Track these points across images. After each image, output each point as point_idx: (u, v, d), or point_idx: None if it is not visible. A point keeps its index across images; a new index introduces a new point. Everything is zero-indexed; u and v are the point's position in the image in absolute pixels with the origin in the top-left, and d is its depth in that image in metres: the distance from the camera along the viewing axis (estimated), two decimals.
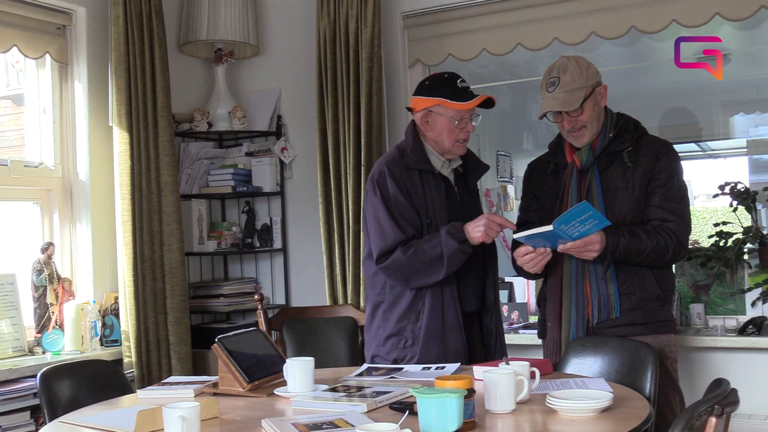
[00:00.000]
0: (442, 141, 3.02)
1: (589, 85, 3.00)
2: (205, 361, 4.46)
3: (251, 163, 4.89)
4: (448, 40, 4.51)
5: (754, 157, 8.01)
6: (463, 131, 3.02)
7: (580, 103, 2.96)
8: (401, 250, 2.93)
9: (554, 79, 3.00)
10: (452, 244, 2.87)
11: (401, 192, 2.97)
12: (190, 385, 2.68)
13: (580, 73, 2.99)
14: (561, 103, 2.97)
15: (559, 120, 3.04)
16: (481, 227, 2.88)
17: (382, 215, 2.97)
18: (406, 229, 2.95)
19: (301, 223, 4.85)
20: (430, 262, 2.90)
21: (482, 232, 2.88)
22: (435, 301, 2.96)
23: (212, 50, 4.81)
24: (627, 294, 2.96)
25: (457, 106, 2.97)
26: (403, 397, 2.38)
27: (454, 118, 2.99)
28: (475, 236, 2.89)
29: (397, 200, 2.96)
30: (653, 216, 2.97)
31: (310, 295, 4.72)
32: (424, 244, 2.92)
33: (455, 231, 2.89)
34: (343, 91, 4.44)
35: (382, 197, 2.98)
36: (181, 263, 4.34)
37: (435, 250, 2.89)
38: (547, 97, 3.01)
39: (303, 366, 2.56)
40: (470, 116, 3.02)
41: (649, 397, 2.58)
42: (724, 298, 4.07)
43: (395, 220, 2.95)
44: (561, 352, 2.99)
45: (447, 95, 2.98)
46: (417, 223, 2.98)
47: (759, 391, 3.71)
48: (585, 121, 3.00)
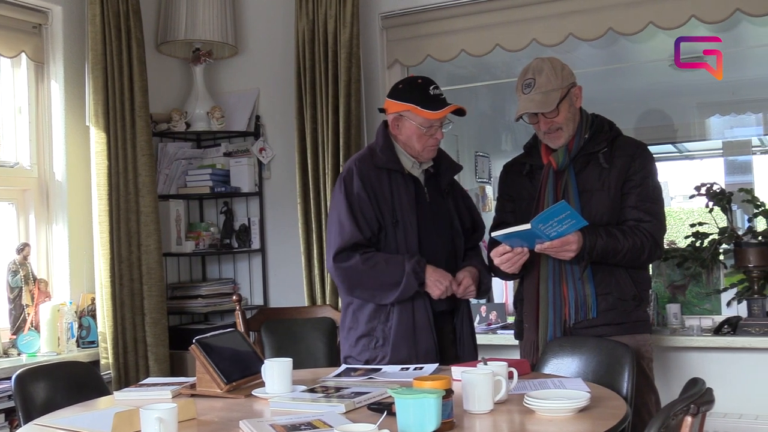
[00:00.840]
0: (412, 145, 3.03)
1: (565, 86, 3.01)
2: (182, 362, 4.44)
3: (229, 163, 4.87)
4: (426, 40, 4.51)
5: (729, 159, 8.08)
6: (432, 138, 3.03)
7: (556, 104, 2.97)
8: (361, 258, 2.94)
9: (530, 81, 3.01)
10: (413, 285, 2.91)
11: (366, 191, 2.98)
12: (168, 387, 2.66)
13: (555, 74, 3.00)
14: (537, 105, 2.98)
15: (535, 121, 3.05)
16: (443, 288, 2.95)
17: (343, 212, 2.98)
18: (364, 230, 2.97)
19: (279, 223, 4.84)
20: (386, 286, 2.93)
21: (439, 292, 2.94)
22: (405, 301, 2.97)
23: (190, 50, 4.79)
24: (604, 294, 2.97)
25: (427, 114, 2.98)
26: (382, 398, 2.38)
27: (423, 125, 2.99)
28: (431, 289, 2.95)
29: (360, 199, 2.97)
30: (629, 216, 2.98)
31: (289, 296, 4.72)
32: (385, 265, 2.94)
33: (419, 271, 2.92)
34: (321, 92, 4.44)
35: (346, 195, 2.99)
36: (158, 264, 4.31)
37: (394, 277, 2.92)
38: (523, 98, 3.02)
39: (281, 367, 2.55)
40: (440, 124, 3.03)
41: (626, 396, 2.60)
42: (700, 298, 4.10)
43: (355, 219, 2.96)
44: (538, 352, 2.99)
45: (418, 102, 2.98)
46: (376, 225, 2.98)
47: (733, 390, 3.74)
48: (561, 122, 3.00)
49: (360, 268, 2.93)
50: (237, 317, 3.77)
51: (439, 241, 3.05)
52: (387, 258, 2.95)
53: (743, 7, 3.85)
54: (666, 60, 6.16)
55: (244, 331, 3.65)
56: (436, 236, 3.06)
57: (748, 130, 7.93)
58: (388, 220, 2.99)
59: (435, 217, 3.06)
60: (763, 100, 7.36)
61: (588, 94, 3.19)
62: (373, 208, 2.98)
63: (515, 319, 3.27)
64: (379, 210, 2.99)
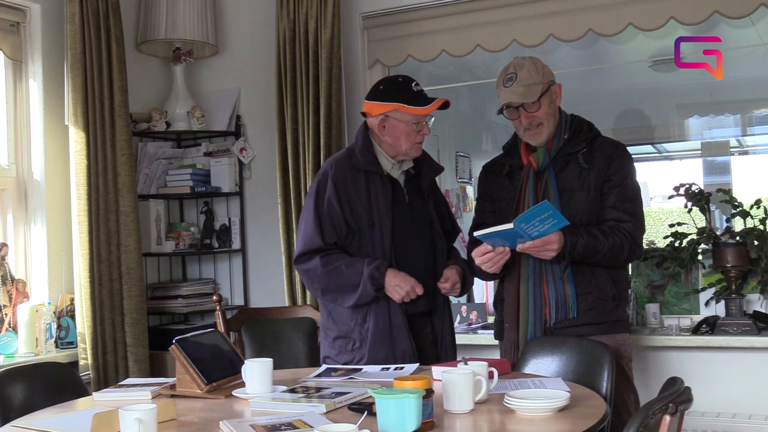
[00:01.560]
0: (400, 145, 3.03)
1: (545, 82, 3.04)
2: (162, 362, 4.42)
3: (210, 163, 4.86)
4: (407, 41, 4.52)
5: (708, 159, 8.15)
6: (420, 134, 3.03)
7: (538, 96, 2.99)
8: (321, 261, 2.97)
9: (511, 75, 3.03)
10: (369, 291, 2.92)
11: (338, 196, 2.99)
12: (147, 387, 2.65)
13: (536, 70, 3.04)
14: (519, 96, 3.00)
15: (515, 117, 3.06)
16: (403, 292, 2.94)
17: (311, 217, 3.01)
18: (327, 236, 2.99)
19: (260, 223, 4.83)
20: (345, 288, 2.96)
21: (401, 296, 2.95)
22: (381, 303, 2.98)
23: (170, 49, 4.77)
24: (584, 294, 2.99)
25: (417, 110, 2.99)
26: (362, 398, 2.38)
27: (411, 122, 3.00)
28: (392, 294, 2.95)
29: (330, 204, 2.98)
30: (608, 216, 3.00)
31: (269, 296, 4.71)
32: (345, 267, 2.95)
33: (378, 276, 2.92)
34: (302, 92, 4.43)
35: (316, 199, 3.01)
36: (138, 264, 4.29)
37: (352, 280, 2.94)
38: (505, 91, 3.03)
39: (261, 367, 2.55)
40: (426, 119, 3.04)
41: (606, 396, 2.61)
42: (679, 298, 4.12)
43: (320, 225, 2.98)
44: (519, 352, 3.00)
45: (404, 100, 2.99)
46: (344, 230, 3.00)
47: (712, 389, 3.77)
48: (542, 117, 3.02)
49: (319, 270, 2.97)
50: (217, 317, 3.76)
51: (417, 243, 3.05)
52: (348, 261, 2.97)
53: (722, 9, 3.88)
54: (646, 61, 6.22)
55: (225, 332, 3.64)
56: (415, 238, 3.06)
57: (726, 131, 8.01)
58: (364, 223, 2.99)
59: (414, 218, 3.06)
60: (741, 101, 7.44)
61: (568, 94, 3.21)
62: (343, 214, 2.98)
63: (495, 319, 3.28)
64: (352, 213, 2.99)
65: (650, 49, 6.02)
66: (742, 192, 7.02)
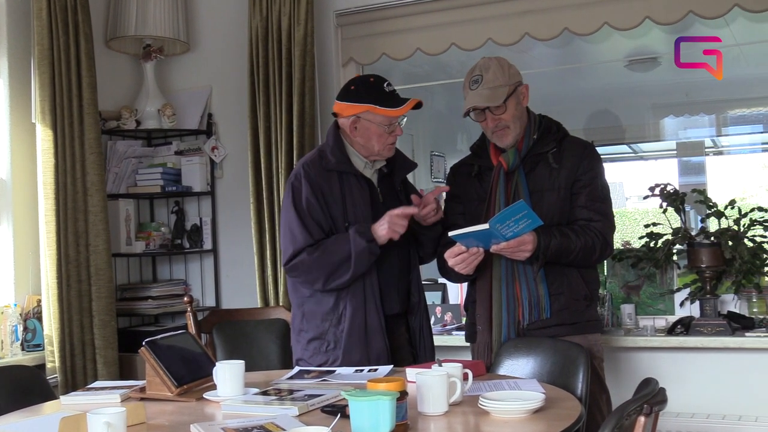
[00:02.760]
0: (372, 146, 3.02)
1: (512, 84, 3.05)
2: (132, 365, 4.39)
3: (181, 162, 4.83)
4: (381, 39, 4.52)
5: (683, 159, 8.22)
6: (392, 135, 3.03)
7: (504, 99, 3.00)
8: (307, 251, 2.94)
9: (477, 77, 3.04)
10: (360, 242, 2.88)
11: (315, 195, 2.97)
12: (117, 390, 2.63)
13: (503, 71, 3.04)
14: (485, 99, 3.01)
15: (482, 119, 3.08)
16: (385, 224, 2.91)
17: (293, 219, 2.98)
18: (315, 234, 2.96)
19: (231, 223, 4.82)
20: (338, 262, 2.91)
21: (387, 229, 2.90)
22: (356, 304, 2.97)
23: (141, 46, 4.74)
24: (556, 294, 3.01)
25: (389, 112, 2.98)
26: (335, 400, 2.38)
27: (383, 123, 2.99)
28: (381, 234, 2.91)
29: (309, 204, 2.97)
30: (579, 216, 3.03)
31: (241, 297, 4.69)
32: (332, 244, 2.94)
33: (364, 230, 2.91)
34: (275, 90, 4.42)
35: (294, 201, 2.99)
36: (107, 264, 4.27)
37: (343, 250, 2.90)
38: (471, 94, 3.04)
39: (233, 369, 2.54)
40: (399, 120, 3.04)
41: (581, 397, 2.63)
42: (654, 299, 4.16)
43: (305, 225, 2.96)
44: (492, 354, 3.01)
45: (376, 101, 2.98)
46: (327, 227, 2.98)
47: (686, 390, 3.81)
48: (508, 120, 3.03)
49: (308, 259, 2.94)
50: (188, 319, 3.74)
51: (393, 244, 3.05)
52: (333, 238, 2.96)
53: (696, 9, 3.92)
54: (621, 61, 6.27)
55: (196, 333, 3.62)
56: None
57: (701, 132, 8.09)
58: (339, 224, 2.98)
59: None
60: (716, 101, 7.51)
61: (543, 93, 3.23)
62: (323, 211, 2.97)
63: (466, 321, 3.29)
64: (330, 214, 2.98)
65: (626, 49, 6.08)
66: (717, 192, 7.09)
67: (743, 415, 3.75)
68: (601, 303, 4.03)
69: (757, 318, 3.90)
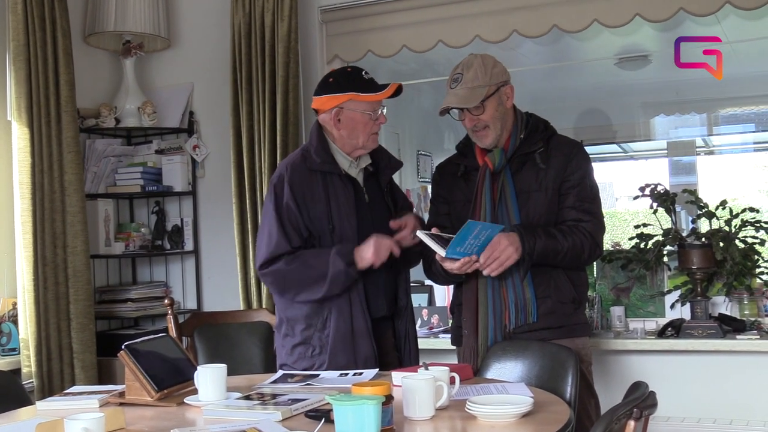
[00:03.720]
0: (357, 137, 3.02)
1: (493, 84, 3.03)
2: (111, 369, 4.38)
3: (161, 161, 4.82)
4: (367, 35, 4.53)
5: (674, 159, 8.27)
6: (376, 123, 3.04)
7: (480, 100, 2.99)
8: (285, 260, 2.95)
9: (458, 76, 3.04)
10: (339, 264, 2.89)
11: (295, 200, 2.97)
12: (95, 395, 2.62)
13: (485, 71, 3.02)
14: (459, 100, 3.01)
15: (462, 118, 3.08)
16: (371, 248, 2.90)
17: (272, 222, 2.99)
18: (292, 240, 2.97)
19: (213, 224, 4.81)
20: (313, 278, 2.92)
21: (372, 254, 2.90)
22: (342, 308, 2.97)
23: (120, 42, 4.72)
24: (543, 297, 3.01)
25: (372, 97, 2.99)
26: (319, 405, 2.37)
27: (367, 110, 3.01)
28: (366, 257, 2.91)
29: (289, 209, 2.97)
30: (568, 217, 3.03)
31: (223, 300, 4.68)
32: (312, 258, 2.94)
33: (345, 252, 2.91)
34: (258, 87, 4.42)
35: (275, 204, 2.99)
36: (85, 266, 4.25)
37: (320, 268, 2.91)
38: (449, 93, 3.05)
39: (215, 373, 2.53)
40: (380, 107, 3.05)
41: (570, 401, 2.63)
42: (644, 301, 4.18)
43: (284, 229, 2.97)
44: (478, 359, 3.01)
45: (357, 89, 3.00)
46: (306, 234, 2.99)
47: (676, 393, 3.83)
48: (487, 120, 3.03)
49: (284, 269, 2.94)
50: (169, 322, 3.73)
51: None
52: (314, 252, 2.96)
53: (687, 7, 3.94)
54: (611, 58, 6.29)
55: (177, 337, 3.61)
56: None
57: (692, 131, 8.14)
58: (324, 226, 2.98)
59: (375, 218, 3.06)
60: (707, 100, 7.56)
61: (532, 91, 3.24)
62: (302, 218, 2.97)
63: (452, 324, 3.29)
64: (311, 216, 2.98)
65: (616, 47, 6.10)
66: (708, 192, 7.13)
67: (734, 418, 3.77)
68: (591, 305, 4.04)
69: (749, 320, 3.92)
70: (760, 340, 3.71)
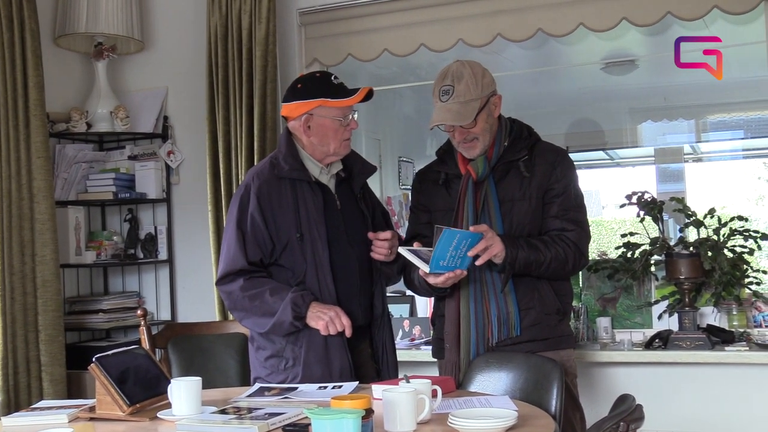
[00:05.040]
0: (327, 143, 3.02)
1: (484, 96, 3.02)
2: (81, 383, 4.36)
3: (134, 167, 4.81)
4: (347, 39, 4.53)
5: (661, 166, 8.31)
6: (347, 129, 3.04)
7: (474, 116, 2.98)
8: (243, 285, 2.97)
9: (448, 88, 3.01)
10: (287, 315, 2.90)
11: (261, 212, 2.98)
12: (64, 410, 2.61)
13: (476, 82, 3.00)
14: (454, 116, 2.98)
15: (451, 130, 3.07)
16: (324, 319, 2.90)
17: (234, 235, 3.00)
18: (252, 255, 2.98)
19: (188, 232, 4.80)
20: (263, 314, 2.95)
21: (323, 325, 2.91)
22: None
23: (92, 44, 4.71)
24: (526, 309, 3.01)
25: (342, 103, 3.00)
26: (298, 419, 2.37)
27: (338, 116, 3.01)
28: (314, 323, 2.91)
29: (253, 220, 2.98)
30: (552, 227, 3.03)
31: (198, 311, 4.67)
32: (268, 294, 2.95)
33: (300, 304, 2.91)
34: (235, 91, 4.42)
35: (237, 216, 3.00)
36: (55, 276, 4.23)
37: (272, 307, 2.93)
38: (440, 107, 3.02)
39: (189, 386, 2.52)
40: (351, 112, 3.06)
41: (555, 415, 2.64)
42: (631, 312, 4.20)
43: (245, 244, 2.98)
44: (460, 374, 3.01)
45: (327, 94, 3.00)
46: (269, 247, 2.99)
47: (664, 407, 3.84)
48: (478, 133, 3.02)
49: (239, 296, 2.97)
50: (142, 333, 3.72)
51: (352, 253, 3.04)
52: (274, 288, 2.97)
53: (675, 11, 3.98)
54: (598, 63, 6.33)
55: (150, 349, 3.60)
56: (350, 247, 3.05)
57: (680, 137, 8.18)
58: (292, 235, 2.98)
59: (347, 226, 3.06)
60: (696, 106, 7.60)
61: (516, 97, 3.25)
62: (267, 230, 2.98)
63: (433, 336, 3.28)
64: (278, 227, 2.98)
65: (602, 51, 6.14)
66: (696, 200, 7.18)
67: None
68: (576, 316, 4.06)
69: (738, 331, 3.95)
70: (750, 352, 3.73)
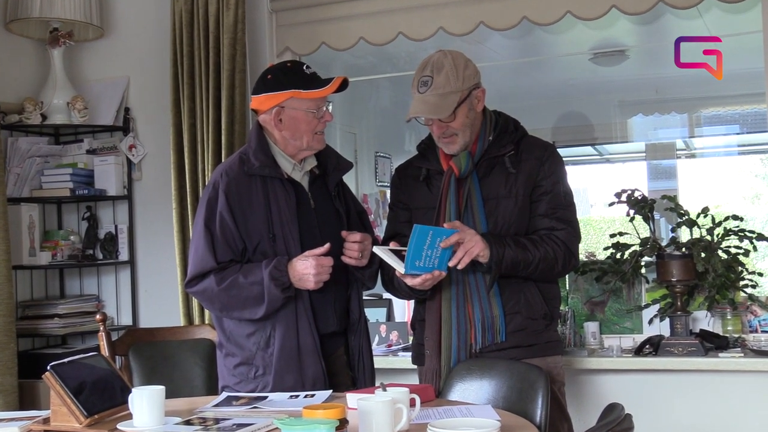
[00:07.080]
0: (300, 137, 3.02)
1: (465, 89, 3.02)
2: (34, 392, 4.34)
3: (93, 162, 4.79)
4: (321, 26, 4.53)
5: (652, 163, 8.35)
6: (321, 121, 3.04)
7: (453, 109, 2.99)
8: (215, 278, 2.96)
9: (427, 79, 3.01)
10: (275, 293, 2.89)
11: (230, 211, 2.97)
12: (15, 422, 2.59)
13: (457, 74, 3.01)
14: (431, 109, 2.99)
15: (429, 123, 3.07)
16: (311, 280, 2.89)
17: (201, 237, 2.99)
18: (222, 256, 2.97)
19: (151, 231, 4.79)
20: (250, 300, 2.93)
21: (313, 283, 2.90)
22: (288, 324, 2.96)
23: (47, 30, 4.68)
24: (512, 314, 3.02)
25: (315, 94, 2.99)
26: (267, 430, 2.37)
27: (311, 108, 3.00)
28: (307, 285, 2.91)
29: (222, 220, 2.97)
30: (540, 226, 3.05)
31: (162, 315, 4.66)
32: (242, 277, 2.93)
33: (279, 275, 2.89)
34: (201, 82, 4.41)
35: (206, 215, 3.00)
36: (6, 278, 4.20)
37: (254, 289, 2.91)
38: (417, 98, 3.02)
39: (152, 396, 2.52)
40: (325, 104, 3.05)
41: (540, 425, 2.65)
42: (621, 316, 4.22)
43: (214, 244, 2.97)
44: (440, 381, 3.02)
45: (299, 85, 2.99)
46: (240, 246, 2.99)
47: (654, 416, 3.86)
48: (457, 128, 3.02)
49: (215, 290, 2.95)
50: (101, 339, 3.70)
51: (329, 252, 3.05)
52: (245, 269, 2.95)
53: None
54: (586, 53, 6.36)
55: (109, 356, 3.58)
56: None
57: (672, 132, 8.23)
58: (263, 235, 2.98)
59: (322, 224, 3.06)
60: (689, 99, 7.64)
61: (500, 89, 3.26)
62: (238, 230, 2.98)
63: (413, 341, 3.28)
64: (249, 226, 2.98)
65: (591, 41, 6.16)
66: (689, 199, 7.23)
67: None
68: (563, 321, 4.07)
69: (732, 337, 3.97)
70: (745, 359, 3.75)
